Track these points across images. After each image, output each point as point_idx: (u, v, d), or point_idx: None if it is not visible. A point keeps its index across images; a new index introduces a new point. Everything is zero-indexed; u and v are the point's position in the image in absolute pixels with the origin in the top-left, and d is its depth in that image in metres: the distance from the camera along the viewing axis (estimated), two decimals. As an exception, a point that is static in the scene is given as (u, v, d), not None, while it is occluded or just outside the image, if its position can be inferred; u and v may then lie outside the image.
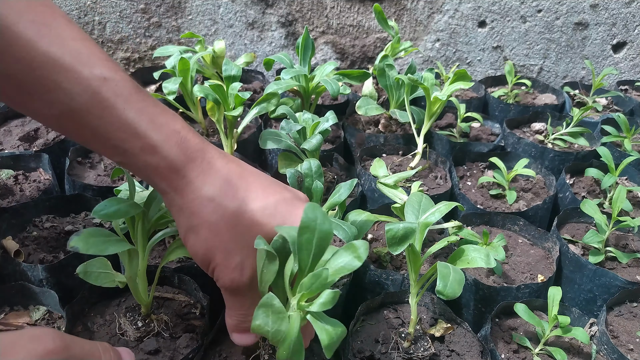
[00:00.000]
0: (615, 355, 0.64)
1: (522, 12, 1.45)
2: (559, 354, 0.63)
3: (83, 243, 0.48)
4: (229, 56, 1.46)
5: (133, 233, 0.56)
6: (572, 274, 0.79)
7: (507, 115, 1.25)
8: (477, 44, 1.50)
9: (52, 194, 0.85)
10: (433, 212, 0.59)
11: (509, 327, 0.69)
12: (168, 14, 1.37)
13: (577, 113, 1.10)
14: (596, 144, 1.10)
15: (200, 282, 0.66)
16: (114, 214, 0.50)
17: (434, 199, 0.63)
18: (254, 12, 1.39)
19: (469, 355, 0.62)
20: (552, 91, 1.39)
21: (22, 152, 0.90)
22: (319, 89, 0.97)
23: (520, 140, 1.09)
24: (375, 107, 1.02)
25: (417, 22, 1.46)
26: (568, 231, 0.88)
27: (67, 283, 0.69)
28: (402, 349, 0.61)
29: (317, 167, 0.64)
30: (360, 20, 1.44)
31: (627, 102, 1.34)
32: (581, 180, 1.02)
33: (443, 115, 1.21)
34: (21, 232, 0.74)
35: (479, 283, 0.73)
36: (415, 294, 0.60)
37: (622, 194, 0.80)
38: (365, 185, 0.93)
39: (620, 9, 1.45)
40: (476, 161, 1.06)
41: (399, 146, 1.03)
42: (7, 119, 1.04)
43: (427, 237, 0.82)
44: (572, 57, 1.53)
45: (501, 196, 0.95)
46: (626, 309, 0.73)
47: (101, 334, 0.59)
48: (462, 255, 0.57)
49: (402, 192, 0.76)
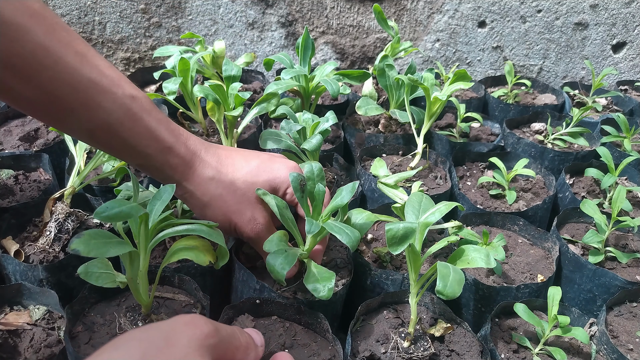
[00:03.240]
0: (615, 355, 0.64)
1: (522, 12, 1.45)
2: (558, 353, 0.63)
3: (84, 246, 0.48)
4: (229, 56, 1.46)
5: (135, 234, 0.56)
6: (571, 274, 0.79)
7: (507, 115, 1.25)
8: (477, 44, 1.50)
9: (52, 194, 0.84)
10: (433, 212, 0.59)
11: (509, 327, 0.69)
12: (168, 14, 1.37)
13: (576, 113, 1.11)
14: (596, 144, 1.10)
15: (200, 282, 0.66)
16: (115, 216, 0.50)
17: (434, 199, 0.63)
18: (254, 12, 1.39)
19: (468, 355, 0.62)
20: (552, 91, 1.39)
21: (22, 152, 0.90)
22: (319, 89, 0.97)
23: (520, 140, 1.09)
24: (375, 107, 1.02)
25: (417, 22, 1.46)
26: (568, 231, 0.88)
27: (67, 283, 0.69)
28: (402, 348, 0.61)
29: (318, 170, 0.64)
30: (360, 21, 1.44)
31: (627, 102, 1.35)
32: (581, 180, 1.02)
33: (443, 115, 1.21)
34: (21, 232, 0.74)
35: (479, 283, 0.73)
36: (415, 294, 0.60)
37: (621, 194, 0.80)
38: (365, 185, 0.93)
39: (620, 9, 1.45)
40: (476, 161, 1.06)
41: (399, 146, 1.03)
42: (7, 119, 1.04)
43: (427, 237, 0.82)
44: (572, 57, 1.53)
45: (501, 196, 0.95)
46: (626, 309, 0.73)
47: (101, 334, 0.59)
48: (462, 255, 0.57)
49: (402, 192, 0.76)
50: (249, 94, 0.86)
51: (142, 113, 0.56)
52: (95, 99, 0.53)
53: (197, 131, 1.03)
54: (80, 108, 0.52)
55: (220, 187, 0.61)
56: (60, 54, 0.50)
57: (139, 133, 0.56)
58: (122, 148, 0.57)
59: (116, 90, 0.54)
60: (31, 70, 0.49)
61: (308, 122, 0.84)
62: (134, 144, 0.56)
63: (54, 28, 0.50)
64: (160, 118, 0.58)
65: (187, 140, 0.61)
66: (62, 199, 0.74)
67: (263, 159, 0.66)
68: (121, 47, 1.40)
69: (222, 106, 0.88)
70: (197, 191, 0.61)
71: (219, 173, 0.62)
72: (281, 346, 0.61)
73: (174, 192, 0.56)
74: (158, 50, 1.01)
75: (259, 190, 0.63)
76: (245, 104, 0.98)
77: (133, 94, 0.55)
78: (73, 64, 0.51)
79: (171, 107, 1.01)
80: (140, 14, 1.36)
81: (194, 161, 0.61)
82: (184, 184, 0.61)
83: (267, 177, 0.64)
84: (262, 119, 1.09)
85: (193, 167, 0.61)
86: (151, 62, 1.44)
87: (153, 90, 1.24)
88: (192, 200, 0.63)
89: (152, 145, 0.57)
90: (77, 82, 0.51)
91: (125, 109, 0.54)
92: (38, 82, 0.50)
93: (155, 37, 1.41)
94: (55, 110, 0.53)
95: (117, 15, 1.35)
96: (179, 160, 0.59)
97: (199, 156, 0.61)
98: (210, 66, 1.06)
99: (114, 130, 0.55)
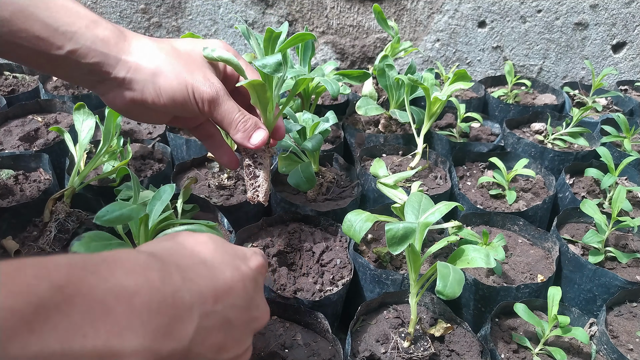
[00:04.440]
0: (615, 355, 0.64)
1: (522, 12, 1.45)
2: (558, 353, 0.63)
3: (84, 248, 0.48)
4: (229, 56, 1.46)
5: (135, 235, 0.56)
6: (571, 274, 0.79)
7: (507, 115, 1.25)
8: (477, 44, 1.50)
9: (52, 194, 0.85)
10: (433, 212, 0.59)
11: (509, 327, 0.69)
12: (168, 14, 1.37)
13: (576, 113, 1.11)
14: (596, 144, 1.10)
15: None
16: (116, 220, 0.50)
17: (434, 199, 0.63)
18: (254, 12, 1.39)
19: (468, 355, 0.62)
20: (552, 91, 1.39)
21: (22, 152, 0.90)
22: (319, 89, 0.97)
23: (520, 140, 1.09)
24: (375, 107, 1.02)
25: (417, 22, 1.46)
26: (568, 231, 0.88)
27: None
28: (402, 348, 0.61)
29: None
30: (360, 21, 1.44)
31: (627, 102, 1.34)
32: (581, 180, 1.02)
33: (443, 115, 1.21)
34: (21, 232, 0.74)
35: (479, 283, 0.73)
36: (415, 294, 0.60)
37: (621, 194, 0.80)
38: (365, 185, 0.93)
39: (620, 9, 1.45)
40: (476, 161, 1.06)
41: (399, 146, 1.03)
42: (7, 119, 1.04)
43: (427, 237, 0.82)
44: (572, 57, 1.53)
45: (501, 196, 0.95)
46: (626, 309, 0.73)
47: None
48: (462, 255, 0.57)
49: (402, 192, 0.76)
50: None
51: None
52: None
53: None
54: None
55: (164, 51, 0.56)
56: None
57: (56, 11, 0.51)
58: (46, 33, 0.51)
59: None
60: None
61: (308, 122, 0.84)
62: (56, 26, 0.51)
63: None
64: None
65: (105, 20, 0.56)
66: (62, 199, 0.74)
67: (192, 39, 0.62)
68: (121, 47, 1.40)
69: (222, 106, 0.88)
70: (142, 60, 0.55)
71: (158, 42, 0.57)
72: (281, 346, 0.61)
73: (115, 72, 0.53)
74: (158, 50, 1.00)
75: (205, 49, 0.58)
76: (245, 104, 0.98)
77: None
78: None
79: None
80: (140, 14, 1.36)
81: (125, 33, 0.56)
82: (125, 58, 0.54)
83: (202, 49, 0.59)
84: (262, 119, 1.09)
85: (127, 38, 0.55)
86: (151, 62, 1.44)
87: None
88: (139, 75, 0.55)
89: (77, 21, 0.52)
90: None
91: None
92: None
93: (156, 37, 1.41)
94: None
95: (117, 15, 1.35)
96: (110, 33, 0.54)
97: (129, 32, 0.57)
98: (210, 66, 1.06)
99: (30, 14, 0.50)
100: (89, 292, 0.29)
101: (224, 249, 0.44)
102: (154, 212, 0.55)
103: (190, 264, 0.39)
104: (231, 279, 0.40)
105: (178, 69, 0.55)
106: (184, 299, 0.35)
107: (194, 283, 0.37)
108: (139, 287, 0.32)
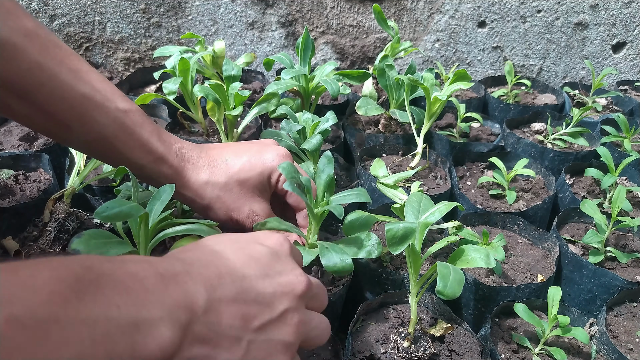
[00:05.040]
0: (615, 355, 0.64)
1: (522, 12, 1.45)
2: (558, 353, 0.63)
3: (84, 245, 0.49)
4: (229, 56, 1.46)
5: (135, 234, 0.56)
6: (571, 274, 0.79)
7: (507, 115, 1.25)
8: (477, 44, 1.50)
9: (52, 194, 0.84)
10: (433, 212, 0.59)
11: (509, 327, 0.69)
12: (168, 14, 1.38)
13: (576, 113, 1.11)
14: (596, 144, 1.10)
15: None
16: (115, 216, 0.50)
17: (434, 199, 0.63)
18: (254, 12, 1.39)
19: (468, 355, 0.62)
20: (552, 91, 1.39)
21: (22, 152, 0.90)
22: (319, 89, 0.97)
23: (520, 140, 1.09)
24: (375, 107, 1.02)
25: (417, 22, 1.46)
26: (568, 231, 0.88)
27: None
28: (402, 348, 0.61)
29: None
30: (360, 21, 1.44)
31: (627, 102, 1.34)
32: (581, 180, 1.02)
33: (443, 115, 1.21)
34: (21, 232, 0.74)
35: (479, 283, 0.73)
36: (415, 294, 0.60)
37: (621, 194, 0.80)
38: (365, 185, 0.93)
39: (620, 9, 1.45)
40: (476, 161, 1.06)
41: (398, 146, 1.03)
42: (7, 119, 1.04)
43: (427, 237, 0.82)
44: (572, 57, 1.53)
45: (501, 196, 0.95)
46: (626, 309, 0.73)
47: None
48: (462, 255, 0.57)
49: (402, 192, 0.76)
50: (249, 92, 0.86)
51: (134, 126, 0.59)
52: (90, 114, 0.55)
53: (197, 131, 1.03)
54: (76, 123, 0.55)
55: (216, 189, 0.64)
56: (54, 71, 0.52)
57: (132, 146, 0.59)
58: (117, 159, 0.60)
59: (109, 105, 0.56)
60: (27, 88, 0.51)
61: (308, 122, 0.84)
62: (129, 156, 0.59)
63: (47, 46, 0.52)
64: (152, 130, 0.61)
65: (179, 149, 0.63)
66: (62, 199, 0.74)
67: (253, 152, 0.67)
68: (121, 47, 1.41)
69: (222, 106, 0.88)
70: (196, 197, 0.64)
71: (212, 175, 0.64)
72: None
73: (177, 198, 0.60)
74: (158, 50, 1.01)
75: (256, 226, 0.64)
76: (245, 104, 0.98)
77: (125, 108, 0.58)
78: (67, 81, 0.53)
79: (171, 107, 1.01)
80: (140, 14, 1.36)
81: (186, 169, 0.63)
82: (182, 192, 0.64)
83: (259, 170, 0.66)
84: (262, 119, 1.09)
85: (186, 175, 0.63)
86: (151, 62, 1.44)
87: (153, 90, 1.24)
88: (193, 205, 0.66)
89: (145, 157, 0.60)
90: (72, 97, 0.54)
91: (118, 123, 0.57)
92: (34, 99, 0.52)
93: (155, 37, 1.41)
94: (51, 125, 0.56)
95: (117, 15, 1.35)
96: (172, 170, 0.62)
97: (192, 162, 0.64)
98: (210, 66, 1.06)
99: (109, 143, 0.58)
100: (110, 274, 0.32)
101: (237, 237, 0.46)
102: (154, 211, 0.55)
103: (193, 257, 0.41)
104: (236, 258, 0.42)
105: (225, 207, 0.64)
106: (186, 283, 0.37)
107: (194, 267, 0.39)
108: (145, 272, 0.35)
